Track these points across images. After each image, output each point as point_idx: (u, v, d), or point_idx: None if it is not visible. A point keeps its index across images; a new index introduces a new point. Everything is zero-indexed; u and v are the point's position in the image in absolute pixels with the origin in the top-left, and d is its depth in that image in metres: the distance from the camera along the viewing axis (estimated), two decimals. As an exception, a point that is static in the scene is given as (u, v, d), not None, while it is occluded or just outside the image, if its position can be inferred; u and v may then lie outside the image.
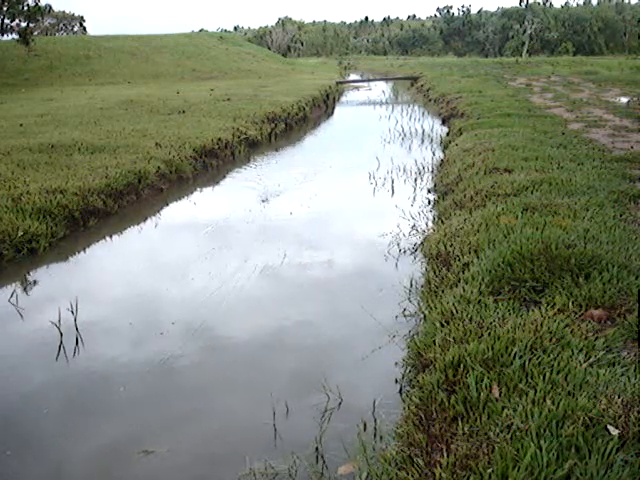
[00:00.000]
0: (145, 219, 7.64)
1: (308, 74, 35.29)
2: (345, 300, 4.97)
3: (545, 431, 2.45)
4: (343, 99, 26.91)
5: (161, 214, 7.93)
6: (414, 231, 6.56)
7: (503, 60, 45.25)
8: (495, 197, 6.09)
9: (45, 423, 3.44)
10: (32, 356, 4.22)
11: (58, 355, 4.16)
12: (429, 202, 7.80)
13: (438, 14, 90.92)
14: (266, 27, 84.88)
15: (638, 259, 4.11)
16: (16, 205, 6.62)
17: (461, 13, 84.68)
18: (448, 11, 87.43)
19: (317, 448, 3.07)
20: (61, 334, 4.33)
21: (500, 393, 2.81)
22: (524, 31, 66.82)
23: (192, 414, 3.52)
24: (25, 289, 5.42)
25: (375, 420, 3.26)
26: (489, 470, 2.33)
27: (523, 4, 68.07)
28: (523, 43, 65.81)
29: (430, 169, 9.72)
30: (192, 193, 9.10)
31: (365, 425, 3.22)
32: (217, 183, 9.94)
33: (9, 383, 3.90)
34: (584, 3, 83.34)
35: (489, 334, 3.30)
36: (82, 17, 68.85)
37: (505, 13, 77.33)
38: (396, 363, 3.84)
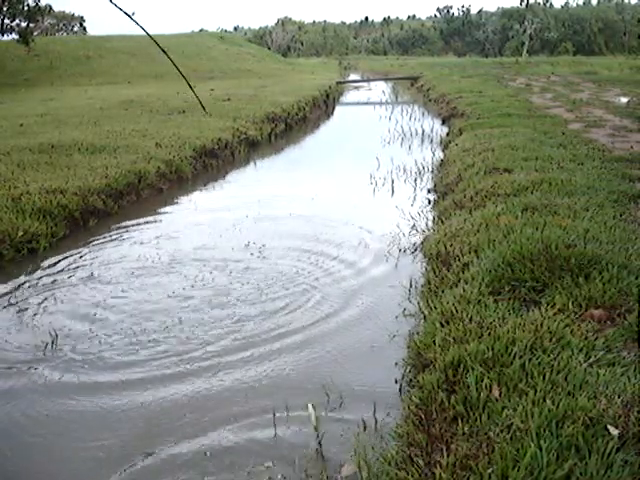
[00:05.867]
0: (145, 219, 7.64)
1: (308, 74, 35.31)
2: (344, 300, 4.97)
3: (545, 431, 2.45)
4: (343, 99, 26.93)
5: (160, 215, 7.93)
6: (414, 231, 6.56)
7: (503, 60, 45.26)
8: (495, 197, 6.09)
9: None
10: (29, 356, 4.21)
11: (56, 355, 4.16)
12: (429, 202, 7.80)
13: (438, 14, 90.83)
14: (266, 27, 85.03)
15: (638, 259, 4.10)
16: (16, 205, 6.62)
17: (461, 13, 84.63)
18: (448, 11, 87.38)
19: (317, 448, 3.07)
20: (57, 335, 4.33)
21: (500, 393, 2.81)
22: (524, 31, 66.73)
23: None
24: (25, 289, 5.41)
25: (375, 420, 3.26)
26: (489, 470, 2.33)
27: (523, 4, 67.89)
28: (523, 43, 65.72)
29: (430, 169, 9.72)
30: (192, 193, 9.11)
31: (365, 425, 3.22)
32: (217, 182, 9.94)
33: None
34: (584, 3, 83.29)
35: (489, 334, 3.30)
36: (82, 17, 68.99)
37: (505, 13, 77.26)
38: (396, 363, 3.84)
